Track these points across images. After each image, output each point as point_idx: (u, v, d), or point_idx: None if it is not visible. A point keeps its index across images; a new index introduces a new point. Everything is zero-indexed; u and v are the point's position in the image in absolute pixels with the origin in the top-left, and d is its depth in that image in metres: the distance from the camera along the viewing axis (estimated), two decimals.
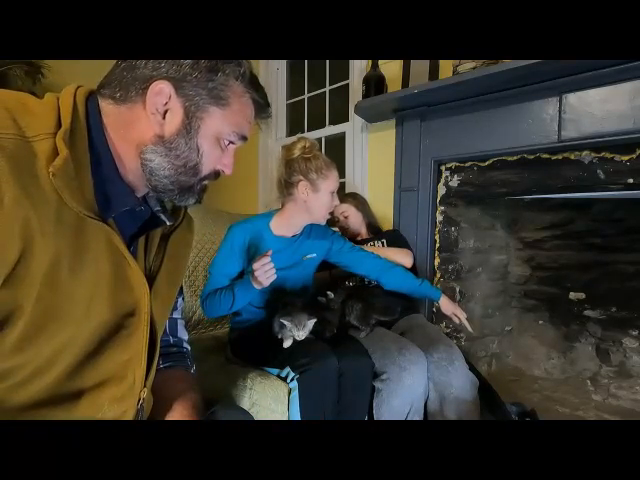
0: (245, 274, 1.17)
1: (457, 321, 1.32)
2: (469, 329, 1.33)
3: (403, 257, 1.48)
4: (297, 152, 1.20)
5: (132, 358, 0.53)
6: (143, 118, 0.49)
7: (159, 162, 0.50)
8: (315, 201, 1.20)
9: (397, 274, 1.35)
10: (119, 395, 0.52)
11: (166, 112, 0.49)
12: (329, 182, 1.20)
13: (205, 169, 0.54)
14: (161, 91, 0.48)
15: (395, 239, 1.60)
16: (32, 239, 0.39)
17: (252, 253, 1.20)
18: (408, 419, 1.11)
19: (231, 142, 0.55)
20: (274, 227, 1.25)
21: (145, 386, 0.56)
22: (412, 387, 1.11)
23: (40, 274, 0.41)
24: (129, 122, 0.49)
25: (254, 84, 0.54)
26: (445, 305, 1.34)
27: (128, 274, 0.51)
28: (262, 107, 0.58)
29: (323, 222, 1.26)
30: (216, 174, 0.57)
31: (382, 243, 1.58)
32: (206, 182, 0.57)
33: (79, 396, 0.48)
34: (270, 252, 1.05)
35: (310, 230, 1.30)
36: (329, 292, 1.27)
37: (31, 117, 0.43)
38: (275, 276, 1.07)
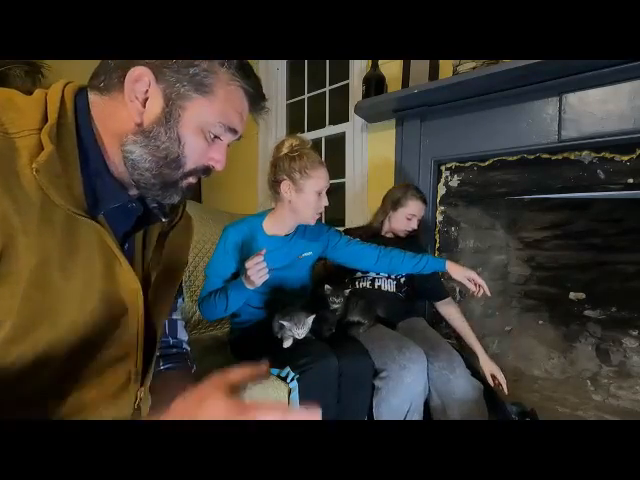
0: (240, 275, 1.17)
1: (472, 287, 1.20)
2: (487, 292, 1.19)
3: None
4: (284, 151, 1.18)
5: (125, 357, 0.52)
6: (124, 107, 0.47)
7: (140, 153, 0.48)
8: (299, 201, 1.17)
9: (396, 256, 1.30)
10: (111, 393, 0.51)
11: (146, 100, 0.47)
12: (313, 182, 1.16)
13: (189, 162, 0.51)
14: (140, 77, 0.46)
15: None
16: (13, 237, 0.38)
17: (246, 253, 1.20)
18: (407, 418, 1.11)
19: (217, 136, 0.52)
20: (267, 227, 1.25)
21: (142, 385, 0.55)
22: (411, 386, 1.11)
23: (26, 274, 0.40)
24: (111, 112, 0.48)
25: (244, 72, 0.50)
26: (454, 271, 1.22)
27: (120, 273, 0.50)
28: (255, 97, 0.53)
29: (311, 222, 1.23)
30: (206, 170, 0.54)
31: None
32: (192, 179, 0.53)
33: (71, 395, 0.48)
34: (264, 251, 1.04)
35: (305, 228, 1.29)
36: (346, 290, 1.27)
37: (15, 113, 0.42)
38: (267, 276, 1.06)
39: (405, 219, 1.49)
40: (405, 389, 1.10)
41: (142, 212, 0.56)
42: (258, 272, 1.04)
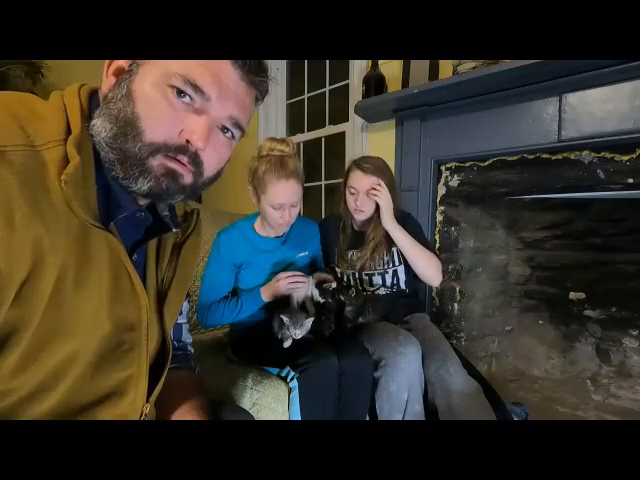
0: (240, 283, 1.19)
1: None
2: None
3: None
4: (259, 151, 1.14)
5: (133, 374, 0.51)
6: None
7: (99, 124, 0.43)
8: (261, 210, 1.16)
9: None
10: (120, 412, 0.50)
11: (117, 70, 0.45)
12: (266, 197, 1.10)
13: (151, 129, 0.43)
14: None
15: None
16: (42, 258, 0.38)
17: (241, 257, 1.21)
18: (408, 409, 1.12)
19: (182, 92, 0.43)
20: (258, 228, 1.25)
21: (148, 402, 0.54)
22: (407, 371, 1.11)
23: (48, 292, 0.39)
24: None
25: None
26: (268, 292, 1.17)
27: (129, 286, 0.49)
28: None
29: (280, 232, 1.21)
30: (182, 148, 0.45)
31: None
32: (169, 161, 0.45)
33: (80, 414, 0.47)
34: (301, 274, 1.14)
35: (298, 228, 1.28)
36: (352, 289, 1.28)
37: (40, 123, 0.41)
38: (299, 289, 1.13)
39: (349, 194, 1.33)
40: (401, 374, 1.11)
41: (151, 222, 0.54)
42: (289, 284, 1.11)
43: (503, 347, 1.97)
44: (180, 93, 0.44)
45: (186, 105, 0.44)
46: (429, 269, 1.30)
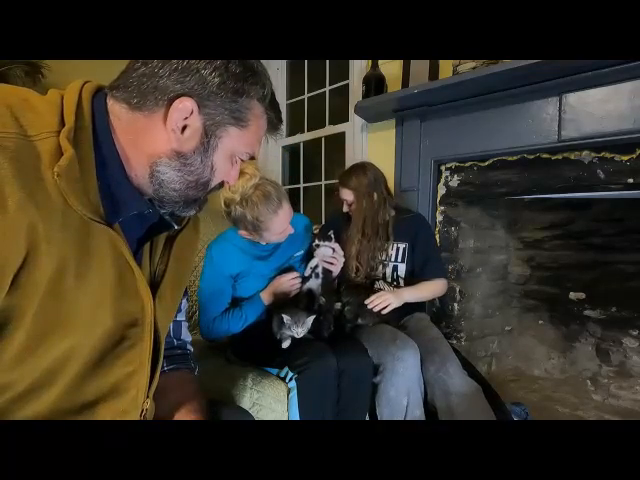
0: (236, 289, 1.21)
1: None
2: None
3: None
4: (233, 196, 1.11)
5: (135, 370, 0.51)
6: (160, 130, 0.47)
7: (171, 175, 0.49)
8: (264, 240, 1.18)
9: None
10: (122, 409, 0.50)
11: (185, 127, 0.48)
12: (271, 231, 1.13)
13: (214, 184, 0.54)
14: (184, 108, 0.46)
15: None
16: (37, 246, 0.38)
17: (237, 266, 1.21)
18: (408, 414, 1.11)
19: (240, 159, 0.56)
20: (248, 235, 1.24)
21: (148, 396, 0.55)
22: (405, 375, 1.12)
23: (44, 282, 0.39)
24: (143, 130, 0.47)
25: (273, 104, 0.55)
26: (268, 294, 1.23)
27: (132, 282, 0.49)
28: (276, 125, 0.58)
29: (282, 239, 1.23)
30: (221, 185, 0.57)
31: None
32: (208, 194, 0.56)
33: (81, 411, 0.47)
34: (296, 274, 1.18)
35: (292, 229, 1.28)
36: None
37: (33, 115, 0.41)
38: (298, 288, 1.18)
39: (347, 205, 1.46)
40: (400, 379, 1.11)
41: (157, 219, 0.55)
42: (291, 286, 1.17)
43: (503, 347, 1.97)
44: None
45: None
46: (438, 294, 1.45)
